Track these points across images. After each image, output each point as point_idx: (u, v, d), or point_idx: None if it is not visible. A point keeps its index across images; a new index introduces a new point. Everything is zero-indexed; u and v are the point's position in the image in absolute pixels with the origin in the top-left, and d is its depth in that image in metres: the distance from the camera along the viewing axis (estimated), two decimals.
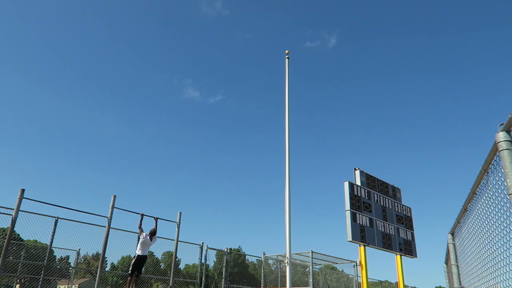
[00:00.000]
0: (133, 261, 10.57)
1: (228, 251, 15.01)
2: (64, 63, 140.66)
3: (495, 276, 3.16)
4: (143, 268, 10.88)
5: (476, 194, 3.80)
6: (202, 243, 14.04)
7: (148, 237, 10.59)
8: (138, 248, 10.63)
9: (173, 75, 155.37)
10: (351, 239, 12.22)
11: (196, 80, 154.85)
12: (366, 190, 13.74)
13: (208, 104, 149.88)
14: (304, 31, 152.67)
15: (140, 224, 10.59)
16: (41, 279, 11.07)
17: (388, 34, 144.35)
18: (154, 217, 11.16)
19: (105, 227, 10.40)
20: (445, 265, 9.40)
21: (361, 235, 12.60)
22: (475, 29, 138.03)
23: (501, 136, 2.46)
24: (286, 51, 10.48)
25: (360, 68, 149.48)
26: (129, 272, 10.52)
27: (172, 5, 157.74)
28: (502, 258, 2.91)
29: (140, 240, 10.55)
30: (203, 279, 13.80)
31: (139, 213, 10.68)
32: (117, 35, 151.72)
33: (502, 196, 2.75)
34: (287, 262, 7.98)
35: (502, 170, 2.47)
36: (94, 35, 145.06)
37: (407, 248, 14.80)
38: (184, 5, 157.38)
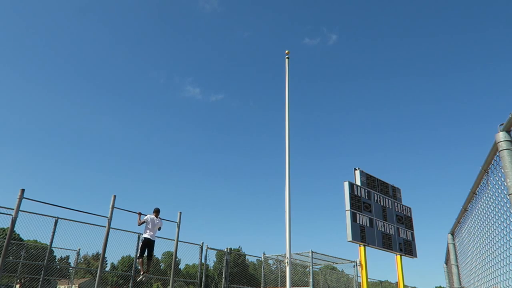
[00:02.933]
0: (140, 244, 10.46)
1: (228, 251, 15.02)
2: (62, 62, 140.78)
3: (495, 276, 3.17)
4: (153, 252, 10.62)
5: (476, 194, 3.81)
6: (202, 243, 14.05)
7: (153, 217, 10.50)
8: (144, 229, 10.49)
9: (173, 73, 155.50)
10: (351, 239, 12.23)
11: (196, 78, 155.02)
12: (366, 190, 13.75)
13: (209, 103, 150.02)
14: (304, 29, 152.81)
15: (139, 222, 10.50)
16: (41, 279, 11.07)
17: (388, 34, 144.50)
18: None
19: (105, 227, 10.41)
20: (445, 265, 9.41)
21: (361, 235, 12.61)
22: (475, 29, 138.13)
23: (501, 136, 2.46)
24: (286, 51, 10.50)
25: (361, 68, 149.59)
26: (138, 254, 10.48)
27: (169, 0, 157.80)
28: (502, 258, 2.91)
29: (146, 222, 10.44)
30: (203, 279, 13.80)
31: (136, 212, 10.64)
32: (115, 33, 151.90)
33: (502, 196, 2.75)
34: (287, 262, 7.99)
35: (502, 170, 2.47)
36: (92, 34, 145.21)
37: (407, 248, 14.81)
38: (181, 1, 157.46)
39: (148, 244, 10.42)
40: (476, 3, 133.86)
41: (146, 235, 10.43)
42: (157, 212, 10.68)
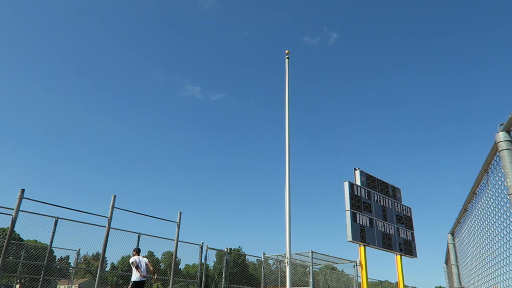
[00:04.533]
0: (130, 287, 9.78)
1: (228, 251, 15.02)
2: (62, 62, 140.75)
3: (495, 276, 3.17)
4: None
5: (476, 194, 3.81)
6: (202, 243, 14.05)
7: (137, 257, 10.01)
8: (133, 273, 9.86)
9: (173, 72, 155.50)
10: (351, 239, 12.23)
11: (197, 77, 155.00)
12: (366, 190, 13.74)
13: (209, 102, 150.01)
14: (304, 28, 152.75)
15: (135, 267, 9.87)
16: (41, 279, 11.07)
17: (389, 33, 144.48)
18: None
19: (105, 227, 10.41)
20: (445, 265, 9.40)
21: (361, 235, 12.60)
22: (476, 29, 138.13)
23: (501, 136, 2.46)
24: (286, 51, 10.45)
25: (361, 67, 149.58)
26: None
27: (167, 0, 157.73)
28: (502, 258, 2.91)
29: (135, 264, 9.87)
30: (203, 279, 13.80)
31: (133, 263, 9.91)
32: (114, 32, 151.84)
33: (502, 196, 2.75)
34: (287, 262, 7.99)
35: (502, 170, 2.47)
36: (91, 33, 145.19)
37: (407, 248, 14.80)
38: (180, 0, 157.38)
39: (138, 286, 9.80)
40: (476, 3, 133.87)
41: (136, 279, 9.76)
42: (138, 251, 10.27)
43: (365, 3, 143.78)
